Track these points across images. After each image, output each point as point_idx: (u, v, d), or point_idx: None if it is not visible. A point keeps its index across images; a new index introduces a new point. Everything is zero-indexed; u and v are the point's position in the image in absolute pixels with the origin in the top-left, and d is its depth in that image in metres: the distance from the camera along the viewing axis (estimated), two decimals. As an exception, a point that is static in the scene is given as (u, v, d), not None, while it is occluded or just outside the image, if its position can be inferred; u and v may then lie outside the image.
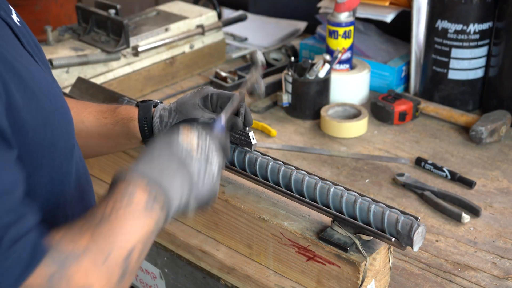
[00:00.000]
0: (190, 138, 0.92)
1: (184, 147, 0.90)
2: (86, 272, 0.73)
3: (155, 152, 0.89)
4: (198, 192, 0.91)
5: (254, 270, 1.18)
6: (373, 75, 1.85)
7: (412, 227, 1.00)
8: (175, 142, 0.91)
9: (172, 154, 0.89)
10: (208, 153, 0.93)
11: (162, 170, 0.85)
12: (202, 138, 0.93)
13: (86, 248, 0.74)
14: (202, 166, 0.91)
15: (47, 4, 3.00)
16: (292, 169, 1.14)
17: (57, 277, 0.70)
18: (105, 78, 1.78)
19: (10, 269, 0.68)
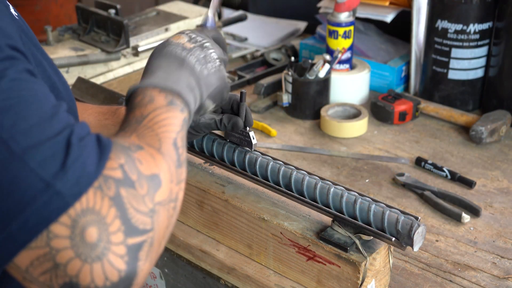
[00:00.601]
0: (181, 37, 0.95)
1: (177, 45, 0.94)
2: (150, 159, 0.75)
3: (154, 61, 0.92)
4: (206, 80, 0.93)
5: (254, 270, 1.18)
6: (373, 75, 1.85)
7: (412, 227, 1.00)
8: (167, 45, 0.94)
9: (168, 55, 0.92)
10: (202, 42, 0.96)
11: (167, 76, 0.88)
12: (192, 34, 0.97)
13: (139, 143, 0.77)
14: (200, 54, 0.94)
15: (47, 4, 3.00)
16: (292, 169, 1.14)
17: (129, 163, 0.72)
18: (105, 78, 1.78)
19: (88, 158, 0.70)
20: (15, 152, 0.67)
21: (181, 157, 0.81)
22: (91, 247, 0.67)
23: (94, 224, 0.67)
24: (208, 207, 1.24)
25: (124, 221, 0.69)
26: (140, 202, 0.71)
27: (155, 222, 0.72)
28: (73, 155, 0.69)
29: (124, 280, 0.68)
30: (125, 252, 0.69)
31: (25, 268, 0.68)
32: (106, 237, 0.68)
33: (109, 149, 0.72)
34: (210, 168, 1.29)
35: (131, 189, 0.71)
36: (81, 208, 0.67)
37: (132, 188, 0.71)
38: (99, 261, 0.67)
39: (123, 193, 0.70)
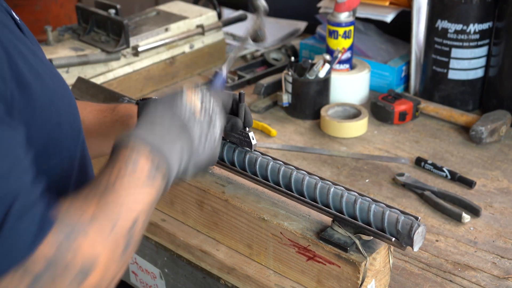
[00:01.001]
0: (194, 99, 0.90)
1: (188, 108, 0.89)
2: (92, 242, 0.73)
3: (157, 114, 0.87)
4: (198, 158, 0.90)
5: (254, 270, 1.18)
6: (373, 75, 1.85)
7: (412, 227, 1.00)
8: (178, 102, 0.89)
9: (174, 116, 0.88)
10: (212, 115, 0.92)
11: (164, 136, 0.84)
12: (206, 99, 0.91)
13: (93, 217, 0.74)
14: (204, 130, 0.90)
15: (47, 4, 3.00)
16: (292, 169, 1.14)
17: (64, 247, 0.70)
18: (105, 78, 1.78)
19: (19, 240, 0.68)
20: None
21: (132, 242, 0.78)
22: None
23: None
24: (208, 207, 1.24)
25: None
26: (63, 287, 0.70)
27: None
28: (7, 228, 0.67)
29: None
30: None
31: None
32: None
33: (49, 228, 0.70)
34: (210, 168, 1.29)
35: (57, 274, 0.69)
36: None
37: (59, 273, 0.70)
38: None
39: (46, 279, 0.69)
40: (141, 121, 0.86)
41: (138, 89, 1.85)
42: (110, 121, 1.17)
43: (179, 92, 0.91)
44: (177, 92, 0.91)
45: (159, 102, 0.90)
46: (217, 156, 0.95)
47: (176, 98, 0.90)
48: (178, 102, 0.89)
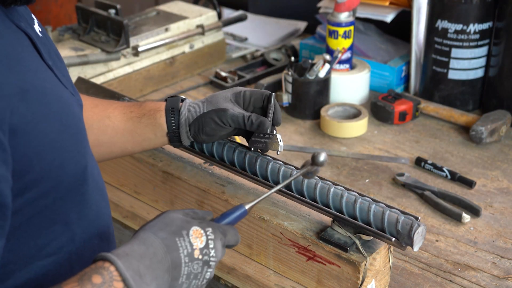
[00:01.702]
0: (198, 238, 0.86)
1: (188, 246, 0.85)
2: None
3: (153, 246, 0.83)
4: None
5: (254, 270, 1.18)
6: (373, 75, 1.85)
7: (412, 227, 1.00)
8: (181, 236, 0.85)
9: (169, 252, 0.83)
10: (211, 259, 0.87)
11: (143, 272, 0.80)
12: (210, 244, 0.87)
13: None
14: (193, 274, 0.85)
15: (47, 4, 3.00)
16: (292, 169, 1.14)
17: None
18: (105, 78, 1.78)
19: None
20: None
21: None
22: None
23: None
24: (208, 207, 1.24)
25: None
26: None
27: None
28: None
29: None
30: None
31: None
32: None
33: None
34: (210, 168, 1.29)
35: None
36: None
37: None
38: None
39: None
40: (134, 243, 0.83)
41: (138, 89, 1.85)
42: (137, 116, 1.16)
43: (186, 226, 0.86)
44: (184, 226, 0.86)
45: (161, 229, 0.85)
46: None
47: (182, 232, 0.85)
48: (181, 238, 0.85)
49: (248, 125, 1.11)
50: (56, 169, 0.82)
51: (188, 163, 1.31)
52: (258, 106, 1.13)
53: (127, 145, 1.18)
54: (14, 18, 0.83)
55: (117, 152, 1.20)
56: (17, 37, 0.82)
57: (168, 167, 1.30)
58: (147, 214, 1.35)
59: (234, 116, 1.11)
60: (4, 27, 0.80)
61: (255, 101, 1.12)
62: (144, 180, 1.36)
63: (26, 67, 0.80)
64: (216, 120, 1.12)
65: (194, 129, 1.14)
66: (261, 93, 1.12)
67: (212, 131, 1.13)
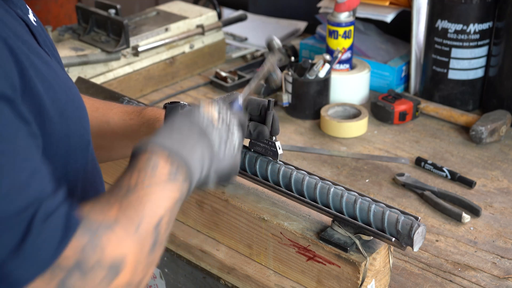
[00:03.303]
0: (211, 109, 0.92)
1: (205, 116, 0.90)
2: (118, 241, 0.72)
3: (175, 123, 0.88)
4: (219, 163, 0.91)
5: (254, 270, 1.18)
6: (373, 75, 1.85)
7: (412, 227, 1.00)
8: (196, 112, 0.91)
9: (192, 124, 0.89)
10: (229, 124, 0.93)
11: (183, 141, 0.84)
12: (223, 110, 0.93)
13: (117, 218, 0.73)
14: (223, 136, 0.91)
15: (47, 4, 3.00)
16: (292, 169, 1.14)
17: (89, 248, 0.70)
18: (105, 78, 1.78)
19: (46, 242, 0.68)
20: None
21: (160, 240, 0.78)
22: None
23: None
24: (208, 207, 1.24)
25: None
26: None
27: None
28: (32, 236, 0.67)
29: None
30: None
31: None
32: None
33: (74, 231, 0.70)
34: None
35: (84, 277, 0.69)
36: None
37: (85, 275, 0.69)
38: None
39: (74, 281, 0.68)
40: (160, 129, 0.87)
41: (138, 89, 1.85)
42: (136, 124, 1.15)
43: (197, 104, 0.93)
44: (195, 105, 0.92)
45: (178, 114, 0.91)
46: (238, 165, 0.95)
47: (194, 110, 0.91)
48: (196, 112, 0.90)
49: (247, 135, 1.12)
50: (64, 138, 0.83)
51: (188, 163, 1.31)
52: (255, 114, 1.13)
53: (127, 150, 1.18)
54: (11, 5, 0.85)
55: (117, 156, 1.20)
56: (19, 23, 0.84)
57: (168, 167, 1.30)
58: (147, 214, 1.35)
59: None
60: (4, 11, 0.81)
61: (252, 110, 1.12)
62: (144, 180, 1.36)
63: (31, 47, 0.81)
64: None
65: None
66: (258, 103, 1.12)
67: None
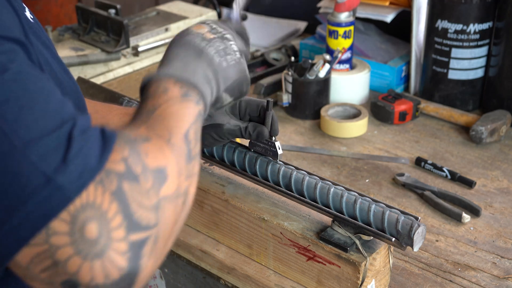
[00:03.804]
0: (201, 28, 0.94)
1: (197, 35, 0.92)
2: (157, 151, 0.73)
3: (172, 51, 0.90)
4: (225, 73, 0.93)
5: (254, 270, 1.18)
6: (373, 75, 1.85)
7: (412, 227, 1.00)
8: (188, 35, 0.93)
9: (187, 46, 0.91)
10: (223, 33, 0.94)
11: (184, 67, 0.87)
12: (213, 25, 0.95)
13: (148, 135, 0.75)
14: (220, 46, 0.93)
15: (47, 4, 3.00)
16: (292, 169, 1.14)
17: (132, 155, 0.70)
18: (105, 78, 1.78)
19: (91, 150, 0.68)
20: (16, 145, 0.66)
21: (193, 151, 0.79)
22: (91, 243, 0.65)
23: (95, 220, 0.66)
24: (208, 207, 1.24)
25: (126, 217, 0.67)
26: (143, 197, 0.69)
27: (160, 218, 0.70)
28: (74, 148, 0.67)
29: (125, 278, 0.67)
30: (126, 248, 0.67)
31: (26, 265, 0.67)
32: (107, 233, 0.66)
33: (113, 142, 0.70)
34: (210, 168, 1.29)
35: (134, 183, 0.69)
36: (81, 204, 0.66)
37: (135, 182, 0.69)
38: (99, 258, 0.65)
39: (125, 188, 0.68)
40: (160, 63, 0.90)
41: (138, 89, 1.85)
42: None
43: (186, 28, 0.96)
44: (185, 30, 0.95)
45: (169, 44, 0.93)
46: (246, 70, 0.97)
47: (184, 33, 0.94)
48: (187, 35, 0.93)
49: (246, 136, 1.12)
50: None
51: (188, 163, 1.31)
52: (254, 115, 1.13)
53: None
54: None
55: None
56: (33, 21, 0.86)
57: (168, 167, 1.30)
58: (147, 214, 1.35)
59: (231, 130, 1.12)
60: None
61: (251, 111, 1.12)
62: (144, 180, 1.36)
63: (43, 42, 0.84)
64: (213, 136, 1.13)
65: None
66: (257, 104, 1.11)
67: (210, 144, 1.15)
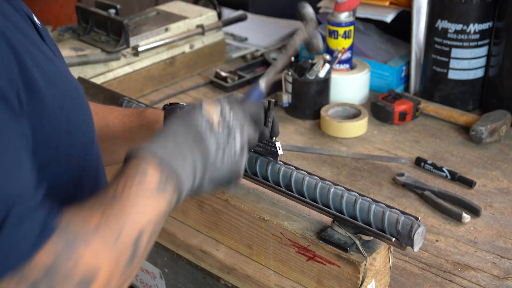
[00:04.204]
0: (213, 111, 0.88)
1: (205, 118, 0.87)
2: (95, 252, 0.71)
3: (171, 126, 0.85)
4: (215, 172, 0.87)
5: (254, 270, 1.18)
6: (373, 75, 1.85)
7: (413, 227, 1.00)
8: (196, 114, 0.87)
9: (189, 127, 0.85)
10: (231, 127, 0.88)
11: (175, 150, 0.82)
12: (225, 111, 0.88)
13: (97, 227, 0.72)
14: (221, 142, 0.87)
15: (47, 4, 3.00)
16: (292, 169, 1.14)
17: (64, 255, 0.69)
18: (105, 78, 1.78)
19: (18, 244, 0.67)
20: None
21: (138, 254, 0.76)
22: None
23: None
24: (208, 207, 1.24)
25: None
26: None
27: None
28: (3, 235, 0.66)
29: None
30: None
31: None
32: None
33: (50, 233, 0.69)
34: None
35: (54, 284, 0.68)
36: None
37: (60, 278, 0.68)
38: None
39: (46, 282, 0.68)
40: (156, 134, 0.85)
41: (138, 89, 1.85)
42: (136, 126, 1.14)
43: (198, 104, 0.89)
44: (196, 105, 0.89)
45: (177, 115, 0.88)
46: (240, 170, 0.91)
47: (194, 110, 0.87)
48: (195, 114, 0.87)
49: None
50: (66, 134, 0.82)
51: (188, 163, 1.30)
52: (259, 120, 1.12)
53: None
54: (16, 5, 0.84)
55: (119, 159, 1.18)
56: (22, 18, 0.83)
57: (168, 167, 1.30)
58: (147, 214, 1.35)
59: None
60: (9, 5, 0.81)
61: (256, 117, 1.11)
62: (144, 180, 1.36)
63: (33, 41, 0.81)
64: None
65: None
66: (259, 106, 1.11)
67: None
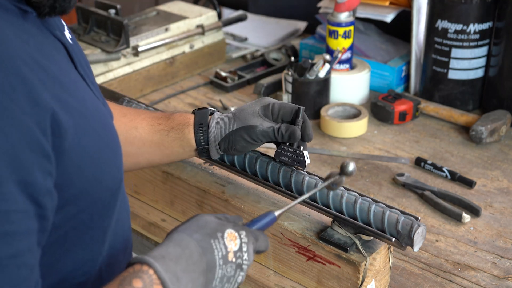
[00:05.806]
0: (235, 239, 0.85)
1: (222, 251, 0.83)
2: None
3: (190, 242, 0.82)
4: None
5: (254, 270, 1.18)
6: (373, 75, 1.85)
7: (413, 227, 1.00)
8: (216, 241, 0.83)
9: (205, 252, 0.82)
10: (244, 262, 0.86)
11: (183, 272, 0.79)
12: (244, 247, 0.86)
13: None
14: (229, 273, 0.84)
15: (47, 4, 2.99)
16: (292, 169, 1.14)
17: None
18: (105, 78, 1.78)
19: None
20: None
21: None
22: None
23: None
24: (208, 207, 1.24)
25: None
26: None
27: None
28: None
29: None
30: None
31: None
32: None
33: None
34: (210, 168, 1.29)
35: None
36: None
37: None
38: None
39: None
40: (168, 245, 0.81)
41: (138, 89, 1.85)
42: (165, 129, 1.14)
43: (221, 228, 0.85)
44: (218, 228, 0.85)
45: (195, 231, 0.84)
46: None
47: (216, 236, 0.84)
48: (215, 241, 0.84)
49: (279, 138, 1.10)
50: (95, 184, 0.80)
51: (188, 163, 1.31)
52: (287, 120, 1.11)
53: (155, 157, 1.16)
54: (50, 27, 0.82)
55: (143, 163, 1.18)
56: (55, 46, 0.81)
57: (168, 167, 1.30)
58: (147, 214, 1.35)
59: (264, 132, 1.10)
60: (43, 37, 0.79)
61: (284, 114, 1.11)
62: (144, 180, 1.36)
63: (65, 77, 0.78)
64: (246, 138, 1.10)
65: (224, 146, 1.13)
66: (291, 107, 1.11)
67: (242, 148, 1.12)
